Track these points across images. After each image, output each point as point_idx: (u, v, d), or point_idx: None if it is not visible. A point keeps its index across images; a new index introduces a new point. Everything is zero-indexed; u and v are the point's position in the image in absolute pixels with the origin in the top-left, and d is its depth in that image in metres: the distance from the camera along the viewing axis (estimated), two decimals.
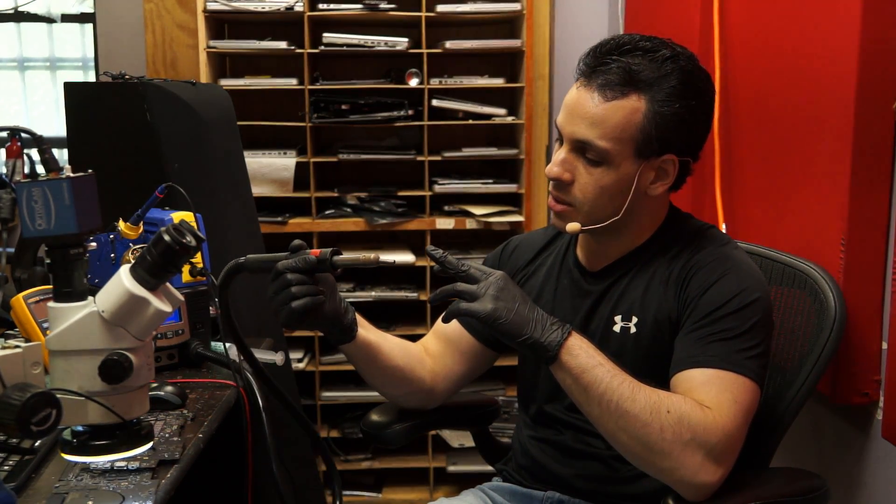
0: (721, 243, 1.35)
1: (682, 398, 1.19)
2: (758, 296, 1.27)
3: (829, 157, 1.53)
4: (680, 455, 1.16)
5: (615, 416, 1.17)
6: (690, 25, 2.11)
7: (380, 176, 3.14)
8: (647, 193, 1.32)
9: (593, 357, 1.19)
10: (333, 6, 2.84)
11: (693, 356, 1.24)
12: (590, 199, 1.30)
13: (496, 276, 1.20)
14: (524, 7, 2.90)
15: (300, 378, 2.80)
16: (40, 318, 1.49)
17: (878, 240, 1.48)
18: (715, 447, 1.16)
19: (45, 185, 0.99)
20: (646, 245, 1.37)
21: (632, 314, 1.35)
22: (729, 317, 1.25)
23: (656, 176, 1.31)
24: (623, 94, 1.26)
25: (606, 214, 1.31)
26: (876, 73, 1.43)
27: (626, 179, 1.29)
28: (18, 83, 4.11)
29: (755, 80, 1.85)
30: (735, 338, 1.24)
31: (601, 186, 1.29)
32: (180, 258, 1.04)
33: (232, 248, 2.13)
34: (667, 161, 1.30)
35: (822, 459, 1.71)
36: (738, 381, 1.22)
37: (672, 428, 1.15)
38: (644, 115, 1.26)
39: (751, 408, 1.23)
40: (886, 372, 1.45)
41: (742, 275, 1.29)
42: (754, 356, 1.24)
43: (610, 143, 1.26)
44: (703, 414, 1.17)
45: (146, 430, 1.08)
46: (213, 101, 2.25)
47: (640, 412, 1.16)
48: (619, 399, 1.16)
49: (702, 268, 1.31)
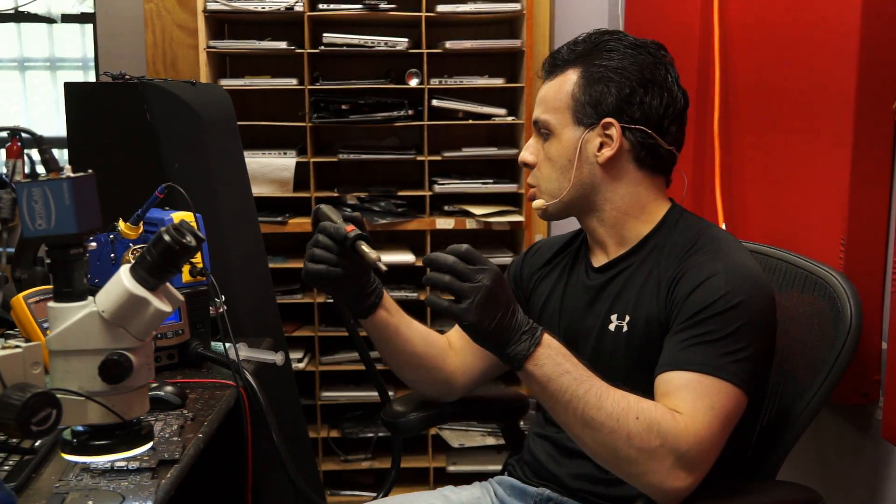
0: (717, 243, 1.33)
1: (654, 404, 1.18)
2: (742, 298, 1.23)
3: (829, 157, 1.53)
4: (647, 461, 1.15)
5: (581, 424, 1.17)
6: (690, 25, 2.11)
7: (380, 176, 3.14)
8: (598, 162, 1.34)
9: (560, 365, 1.17)
10: (333, 6, 2.84)
11: (674, 359, 1.23)
12: (545, 174, 1.38)
13: (488, 279, 1.14)
14: (524, 7, 2.89)
15: (300, 378, 2.80)
16: (40, 318, 1.49)
17: (878, 240, 1.48)
18: (685, 454, 1.15)
19: (45, 185, 0.99)
20: (644, 242, 1.37)
21: (626, 313, 1.35)
22: (713, 319, 1.23)
23: (602, 143, 1.35)
24: (562, 71, 1.38)
25: (560, 186, 1.37)
26: (876, 73, 1.43)
27: (569, 148, 1.35)
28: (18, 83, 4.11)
29: (755, 80, 1.85)
30: (718, 341, 1.21)
31: (549, 158, 1.38)
32: (180, 258, 1.04)
33: (232, 249, 2.13)
34: (608, 125, 1.33)
35: (821, 459, 1.71)
36: (717, 385, 1.19)
37: (640, 435, 1.14)
38: (574, 83, 1.35)
39: (730, 414, 1.20)
40: (886, 372, 1.45)
41: (731, 276, 1.25)
42: (739, 360, 1.21)
43: (549, 114, 1.37)
44: (673, 421, 1.16)
45: (146, 430, 1.08)
46: (213, 101, 2.25)
47: (606, 419, 1.15)
48: (585, 407, 1.16)
49: (692, 268, 1.29)
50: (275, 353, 1.72)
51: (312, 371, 2.97)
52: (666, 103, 1.34)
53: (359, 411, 3.11)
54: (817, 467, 1.73)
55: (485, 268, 1.15)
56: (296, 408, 2.47)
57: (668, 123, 1.35)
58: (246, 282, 2.19)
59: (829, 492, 1.69)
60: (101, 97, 2.09)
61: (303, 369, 2.95)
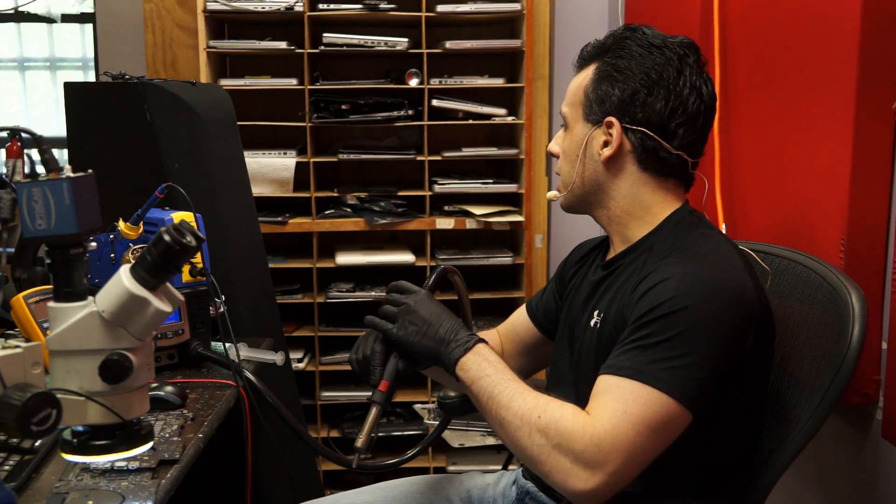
0: (694, 248, 1.27)
1: (561, 405, 1.18)
2: (689, 303, 1.17)
3: (829, 157, 1.53)
4: (548, 460, 1.16)
5: (496, 423, 1.23)
6: (690, 25, 2.11)
7: (380, 176, 3.14)
8: (599, 160, 1.35)
9: (483, 370, 1.25)
10: (333, 6, 2.84)
11: (611, 362, 1.20)
12: (561, 165, 1.42)
13: (413, 301, 1.32)
14: (524, 7, 2.89)
15: (300, 378, 2.80)
16: (40, 318, 1.49)
17: (878, 240, 1.48)
18: (583, 454, 1.13)
19: (45, 185, 0.99)
20: (642, 241, 1.36)
21: (602, 310, 1.36)
22: (654, 322, 1.19)
23: (606, 142, 1.35)
24: (586, 65, 1.39)
25: (571, 179, 1.39)
26: (876, 73, 1.43)
27: (578, 143, 1.37)
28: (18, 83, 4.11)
29: (755, 80, 1.85)
30: (653, 346, 1.17)
31: (563, 151, 1.41)
32: (180, 258, 1.04)
33: (232, 249, 2.13)
34: (610, 124, 1.33)
35: (821, 459, 1.71)
36: (640, 391, 1.15)
37: (540, 433, 1.17)
38: (589, 80, 1.36)
39: (652, 420, 1.14)
40: (886, 372, 1.45)
41: (684, 281, 1.20)
42: (674, 367, 1.15)
43: (567, 107, 1.40)
44: (573, 420, 1.15)
45: (146, 430, 1.08)
46: (213, 101, 2.25)
47: (513, 418, 1.20)
48: (497, 407, 1.22)
49: (654, 270, 1.25)
50: (275, 353, 1.72)
51: (312, 371, 2.97)
52: (672, 106, 1.30)
53: (359, 411, 3.11)
54: (817, 467, 1.73)
55: (411, 292, 1.34)
56: (296, 408, 2.47)
57: (674, 126, 1.30)
58: (246, 282, 2.19)
59: (830, 492, 1.69)
60: (101, 97, 2.09)
61: (303, 369, 2.95)
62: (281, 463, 2.02)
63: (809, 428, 1.28)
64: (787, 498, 1.83)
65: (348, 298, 2.93)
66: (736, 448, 1.31)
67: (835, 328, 1.30)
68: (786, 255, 1.46)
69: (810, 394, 1.30)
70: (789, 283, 1.43)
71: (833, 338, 1.29)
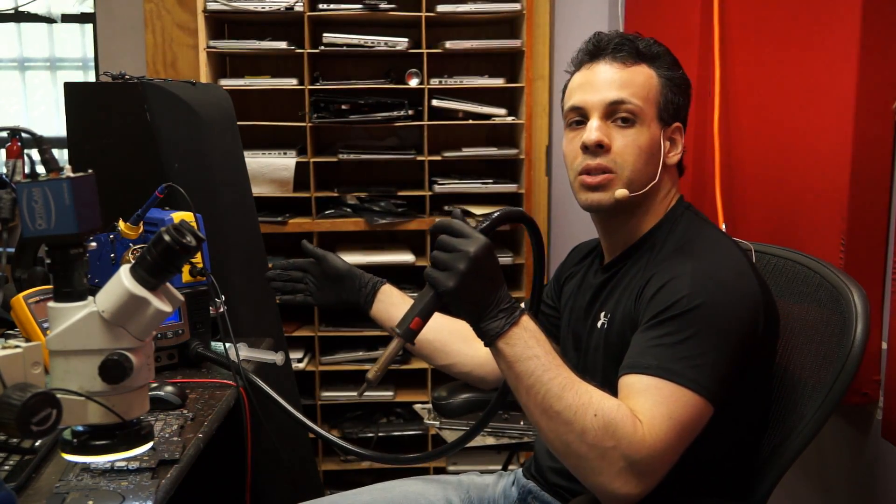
0: (699, 245, 1.30)
1: (618, 405, 1.14)
2: (703, 300, 1.19)
3: (829, 157, 1.53)
4: (597, 460, 1.12)
5: (539, 411, 1.15)
6: (690, 25, 2.11)
7: (380, 176, 3.14)
8: (666, 163, 1.35)
9: (531, 349, 1.15)
10: (333, 6, 2.84)
11: (634, 360, 1.20)
12: (630, 161, 1.31)
13: (476, 248, 1.13)
14: (524, 7, 2.90)
15: (300, 378, 2.80)
16: (40, 318, 1.49)
17: (878, 240, 1.48)
18: (638, 463, 1.12)
19: (45, 185, 0.99)
20: (644, 239, 1.37)
21: (609, 311, 1.35)
22: (672, 321, 1.19)
23: (670, 145, 1.36)
24: (636, 62, 1.34)
25: (645, 179, 1.33)
26: (876, 73, 1.43)
27: (656, 141, 1.33)
28: (18, 83, 4.11)
29: (755, 80, 1.85)
30: (677, 344, 1.18)
31: (639, 146, 1.31)
32: (180, 258, 1.04)
33: (232, 249, 2.13)
34: (676, 130, 1.36)
35: (821, 459, 1.71)
36: (676, 392, 1.15)
37: (594, 432, 1.11)
38: (659, 81, 1.34)
39: (689, 423, 1.15)
40: (886, 372, 1.45)
41: (696, 278, 1.22)
42: (698, 365, 1.16)
43: (641, 101, 1.32)
44: (633, 427, 1.12)
45: (146, 430, 1.08)
46: (213, 101, 2.25)
47: (564, 410, 1.12)
48: (546, 394, 1.13)
49: (662, 269, 1.27)
50: (275, 353, 1.72)
51: (312, 371, 2.97)
52: None
53: (359, 411, 3.12)
54: (817, 467, 1.73)
55: (468, 238, 1.14)
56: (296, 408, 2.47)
57: None
58: (246, 282, 2.19)
59: (830, 492, 1.69)
60: (101, 97, 2.09)
61: (303, 369, 2.95)
62: (281, 463, 2.02)
63: (812, 426, 1.28)
64: (788, 498, 1.83)
65: None
66: (740, 443, 1.32)
67: (837, 327, 1.29)
68: (784, 255, 1.46)
69: (812, 392, 1.30)
70: (789, 283, 1.43)
71: (835, 336, 1.29)
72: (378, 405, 3.12)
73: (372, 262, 2.92)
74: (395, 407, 3.14)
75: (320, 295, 1.63)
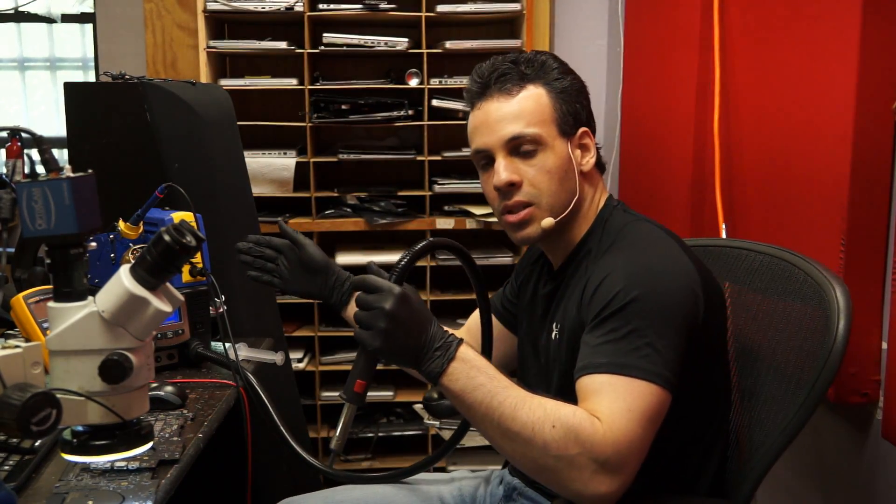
0: (629, 239, 1.31)
1: (573, 411, 1.15)
2: (638, 292, 1.20)
3: (829, 157, 1.53)
4: (567, 470, 1.13)
5: (499, 435, 1.16)
6: (690, 26, 2.11)
7: (380, 176, 3.14)
8: (583, 171, 1.36)
9: (474, 379, 1.16)
10: (333, 6, 2.84)
11: (586, 362, 1.21)
12: (546, 188, 1.33)
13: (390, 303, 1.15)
14: (524, 7, 2.89)
15: (300, 378, 2.80)
16: (40, 318, 1.49)
17: (878, 240, 1.48)
18: (607, 461, 1.13)
19: (45, 185, 0.99)
20: (581, 244, 1.38)
21: (559, 322, 1.36)
22: (614, 316, 1.21)
23: (582, 152, 1.37)
24: (521, 87, 1.34)
25: (565, 199, 1.34)
26: (876, 73, 1.43)
27: (564, 158, 1.34)
28: (18, 83, 4.11)
29: (755, 80, 1.85)
30: (622, 338, 1.19)
31: (548, 171, 1.33)
32: (180, 258, 1.04)
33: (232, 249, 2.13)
34: (583, 135, 1.37)
35: (822, 459, 1.71)
36: (630, 385, 1.16)
37: (557, 443, 1.12)
38: (549, 97, 1.34)
39: (649, 412, 1.16)
40: (886, 372, 1.45)
41: (627, 271, 1.23)
42: (649, 355, 1.17)
43: (537, 127, 1.32)
44: (592, 428, 1.13)
45: (146, 430, 1.08)
46: (213, 101, 2.25)
47: (522, 429, 1.14)
48: (500, 418, 1.15)
49: (597, 268, 1.28)
50: (275, 353, 1.72)
51: (312, 371, 2.97)
52: None
53: (359, 411, 3.11)
54: (817, 467, 1.73)
55: (382, 293, 1.16)
56: (296, 408, 2.47)
57: None
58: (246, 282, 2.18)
59: (830, 492, 1.70)
60: (101, 97, 2.09)
61: (303, 369, 2.95)
62: (281, 463, 2.02)
63: (796, 422, 1.29)
64: (788, 498, 1.83)
65: None
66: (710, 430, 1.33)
67: (820, 323, 1.31)
68: (770, 252, 1.47)
69: (797, 388, 1.31)
70: (774, 279, 1.43)
71: (818, 332, 1.30)
72: (378, 405, 3.12)
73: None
74: (394, 407, 3.14)
75: (290, 282, 1.60)
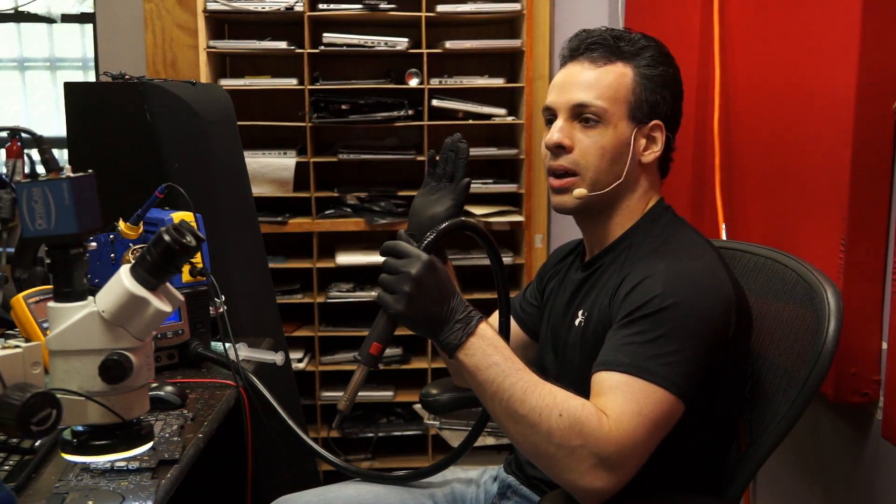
0: (674, 245, 1.31)
1: (582, 403, 1.16)
2: (676, 300, 1.20)
3: (829, 157, 1.53)
4: (566, 459, 1.14)
5: (505, 416, 1.17)
6: (690, 25, 2.11)
7: (380, 176, 3.14)
8: (641, 161, 1.35)
9: (489, 356, 1.18)
10: (333, 6, 2.84)
11: (606, 358, 1.21)
12: (593, 163, 1.33)
13: (417, 269, 1.17)
14: (524, 7, 2.89)
15: (300, 378, 2.80)
16: (40, 318, 1.49)
17: (878, 240, 1.48)
18: (608, 458, 1.13)
19: (45, 185, 0.99)
20: (621, 239, 1.38)
21: (586, 309, 1.36)
22: (644, 319, 1.21)
23: (647, 143, 1.35)
24: (610, 61, 1.34)
25: (609, 179, 1.33)
26: (876, 73, 1.43)
27: (623, 142, 1.33)
28: (18, 83, 4.11)
29: (755, 80, 1.85)
30: (650, 342, 1.19)
31: (602, 146, 1.32)
32: (180, 258, 1.04)
33: (232, 249, 2.13)
34: (655, 127, 1.35)
35: (821, 459, 1.71)
36: (647, 389, 1.16)
37: (561, 432, 1.13)
38: (633, 79, 1.33)
39: (659, 419, 1.17)
40: (886, 372, 1.45)
41: (669, 277, 1.23)
42: (670, 363, 1.17)
43: (606, 102, 1.32)
44: (598, 424, 1.13)
45: (146, 430, 1.08)
46: (213, 101, 2.25)
47: (529, 413, 1.15)
48: (509, 399, 1.16)
49: (636, 268, 1.28)
50: (275, 353, 1.72)
51: (312, 371, 2.97)
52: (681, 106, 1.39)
53: (359, 411, 3.11)
54: (817, 467, 1.73)
55: (410, 259, 1.18)
56: (296, 408, 2.47)
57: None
58: (246, 282, 2.19)
59: (830, 492, 1.70)
60: (101, 97, 2.09)
61: (303, 369, 2.95)
62: (281, 462, 2.02)
63: (787, 421, 1.29)
64: (788, 498, 1.83)
65: (348, 298, 2.93)
66: (713, 441, 1.33)
67: (811, 324, 1.31)
68: (762, 253, 1.47)
69: (787, 388, 1.32)
70: (767, 280, 1.44)
71: (810, 333, 1.31)
72: (378, 405, 3.12)
73: (372, 263, 2.92)
74: (395, 407, 3.14)
75: None
